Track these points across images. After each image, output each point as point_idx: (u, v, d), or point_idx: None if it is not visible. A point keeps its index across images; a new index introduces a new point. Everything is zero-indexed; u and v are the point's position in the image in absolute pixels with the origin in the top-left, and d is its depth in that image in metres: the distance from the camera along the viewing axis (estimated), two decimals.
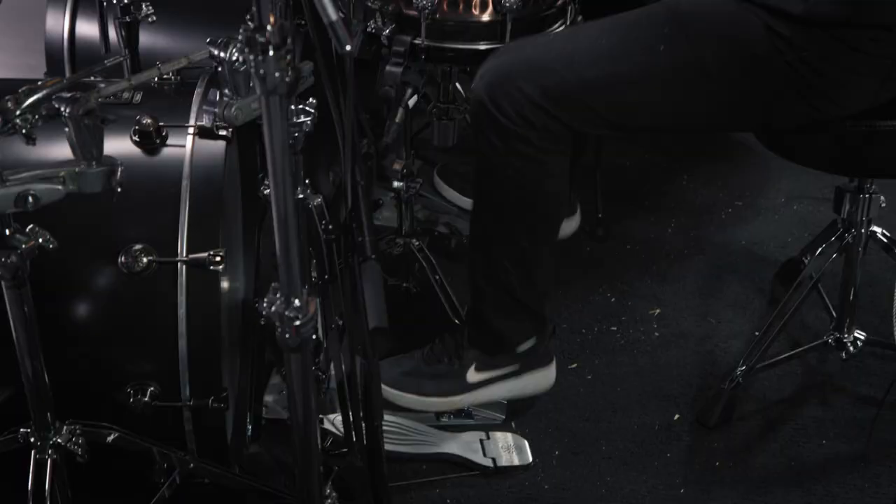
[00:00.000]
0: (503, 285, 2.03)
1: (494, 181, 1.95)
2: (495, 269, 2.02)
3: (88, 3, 2.47)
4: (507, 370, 2.13)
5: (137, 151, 1.77)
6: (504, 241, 2.00)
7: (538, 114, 1.86)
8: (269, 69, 1.26)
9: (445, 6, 1.96)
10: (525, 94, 1.86)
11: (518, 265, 2.01)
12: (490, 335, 2.11)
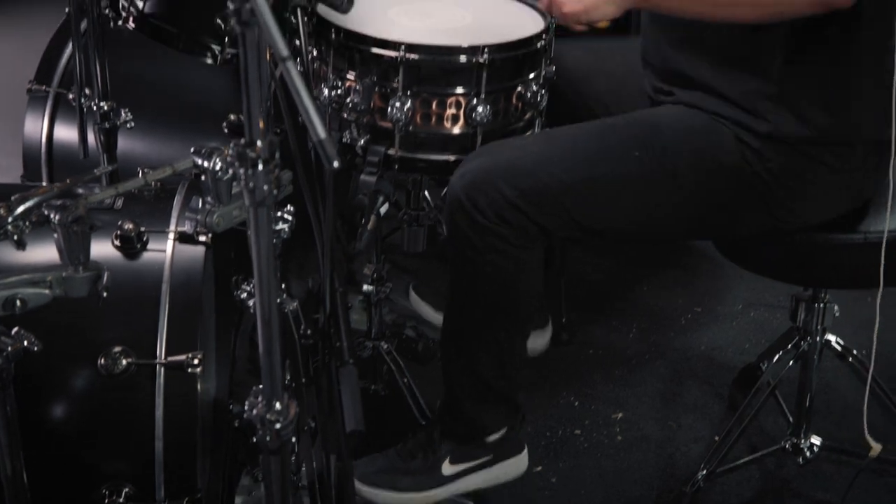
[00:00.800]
0: (478, 375, 2.08)
1: (470, 277, 2.01)
2: (470, 360, 2.07)
3: (67, 107, 2.55)
4: (480, 460, 2.17)
5: (118, 255, 1.82)
6: (479, 333, 2.05)
7: (514, 214, 1.93)
8: (258, 182, 1.32)
9: (418, 119, 2.04)
10: (503, 195, 1.93)
11: (493, 357, 2.06)
12: (464, 425, 2.15)
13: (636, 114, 2.05)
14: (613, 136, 1.99)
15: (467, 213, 1.95)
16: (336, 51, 2.06)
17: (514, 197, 1.92)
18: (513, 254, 1.97)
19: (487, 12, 2.22)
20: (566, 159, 1.97)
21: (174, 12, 2.14)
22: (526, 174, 1.94)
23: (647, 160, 1.95)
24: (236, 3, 1.25)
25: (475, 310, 2.06)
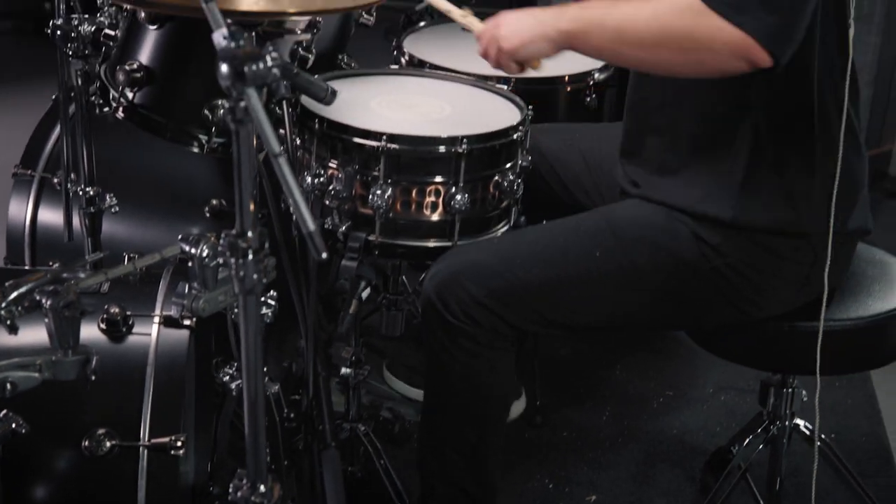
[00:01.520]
0: (453, 480, 2.10)
1: (443, 377, 2.06)
2: (445, 463, 2.10)
3: (52, 191, 2.59)
4: None
5: (104, 339, 1.85)
6: (454, 435, 2.08)
7: (484, 313, 1.99)
8: (248, 271, 1.37)
9: (399, 206, 2.10)
10: (471, 295, 1.99)
11: (468, 459, 2.09)
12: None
13: (598, 212, 2.11)
14: (576, 236, 2.06)
15: (439, 313, 2.00)
16: (319, 140, 2.12)
17: (482, 297, 1.98)
18: (484, 354, 2.02)
19: (466, 104, 2.29)
20: (532, 259, 2.03)
21: (163, 103, 2.20)
22: (493, 274, 2.00)
23: (609, 259, 2.01)
24: (231, 101, 1.31)
25: (448, 411, 2.10)
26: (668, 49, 1.78)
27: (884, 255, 2.24)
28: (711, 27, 1.69)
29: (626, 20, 1.81)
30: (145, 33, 2.15)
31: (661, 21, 1.76)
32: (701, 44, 1.73)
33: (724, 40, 1.69)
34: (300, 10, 1.78)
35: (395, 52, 2.68)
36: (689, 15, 1.71)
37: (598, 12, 1.87)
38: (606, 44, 1.88)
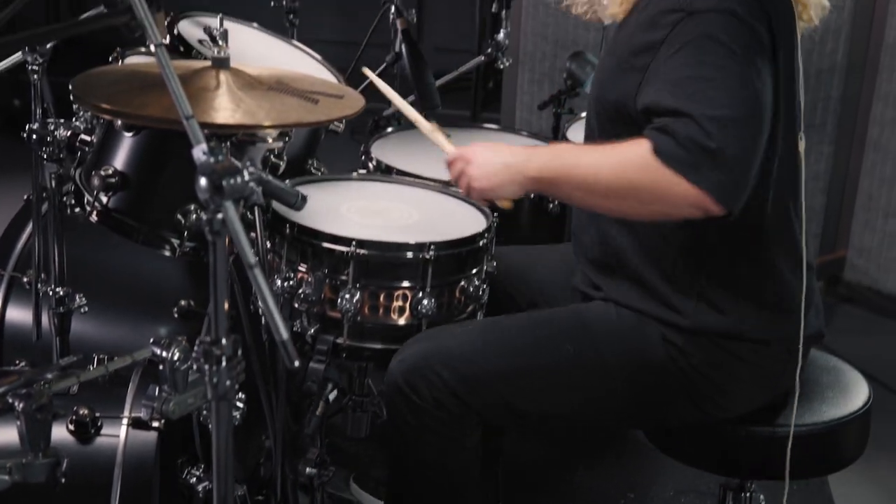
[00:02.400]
0: None
1: (409, 459, 2.08)
2: None
3: (21, 290, 2.61)
4: None
5: (72, 440, 1.87)
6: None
7: (451, 399, 2.02)
8: (221, 378, 1.41)
9: (366, 310, 2.14)
10: (441, 380, 2.02)
11: None
12: None
13: (568, 308, 2.17)
14: (547, 328, 2.10)
15: (406, 396, 2.03)
16: (290, 244, 2.17)
17: (451, 382, 2.02)
18: (450, 436, 2.05)
19: (433, 211, 2.35)
20: (502, 349, 2.07)
21: (137, 207, 2.23)
22: (464, 361, 2.04)
23: (578, 354, 2.06)
24: (209, 213, 1.36)
25: (414, 494, 2.12)
26: (631, 201, 1.88)
27: (837, 361, 2.30)
28: (671, 183, 1.79)
29: (590, 173, 1.90)
30: (121, 140, 2.20)
31: (625, 176, 1.85)
32: (661, 197, 1.83)
33: (682, 195, 1.79)
34: (275, 123, 1.84)
35: (363, 156, 2.74)
36: (650, 171, 1.80)
37: (566, 162, 1.95)
38: (573, 193, 1.97)
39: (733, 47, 1.80)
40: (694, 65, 1.81)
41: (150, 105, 1.74)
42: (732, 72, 1.80)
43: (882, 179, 3.69)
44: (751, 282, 2.01)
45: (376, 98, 2.96)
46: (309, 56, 2.81)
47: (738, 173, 1.78)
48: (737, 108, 1.78)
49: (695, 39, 1.82)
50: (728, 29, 1.81)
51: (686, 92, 1.79)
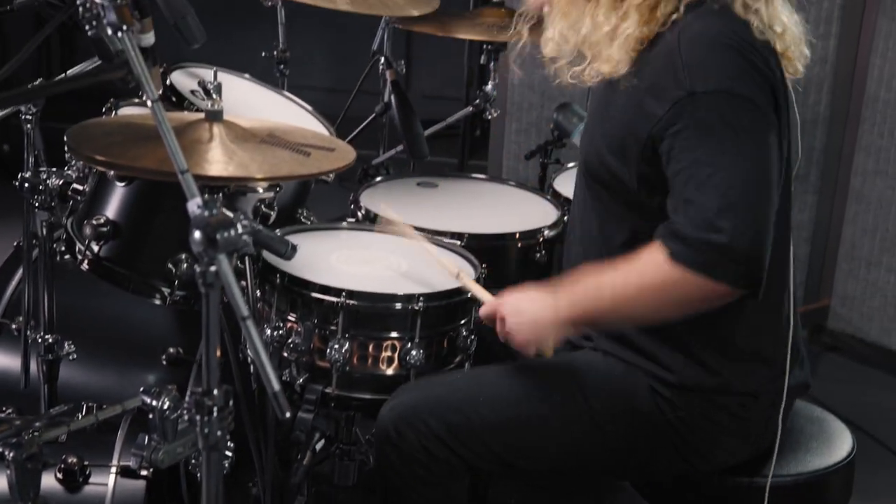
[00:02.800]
0: None
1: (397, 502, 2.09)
2: None
3: (9, 336, 2.61)
4: None
5: (60, 489, 1.88)
6: None
7: (440, 448, 2.03)
8: (212, 428, 1.42)
9: (355, 360, 2.15)
10: (430, 428, 2.03)
11: None
12: None
13: (558, 358, 2.18)
14: (536, 378, 2.12)
15: (395, 445, 2.04)
16: (280, 293, 2.19)
17: (440, 431, 2.03)
18: (437, 483, 2.06)
19: (423, 262, 2.37)
20: (491, 398, 2.09)
21: (128, 256, 2.25)
22: (453, 410, 2.05)
23: (567, 403, 2.07)
24: (202, 266, 1.38)
25: None
26: (665, 310, 1.91)
27: (821, 411, 2.32)
28: (695, 286, 1.82)
29: (619, 301, 1.92)
30: (113, 190, 2.22)
31: (651, 293, 1.87)
32: (691, 299, 1.86)
33: (709, 292, 1.83)
34: (267, 176, 1.87)
35: (352, 205, 2.76)
36: (672, 281, 1.83)
37: (590, 296, 1.95)
38: (610, 319, 1.99)
39: (737, 129, 1.82)
40: (701, 151, 1.82)
41: (144, 157, 1.76)
42: (738, 155, 1.81)
43: (864, 229, 3.73)
44: (739, 338, 2.03)
45: (366, 144, 3.00)
46: (300, 107, 2.84)
47: (753, 259, 1.81)
48: (745, 195, 1.80)
49: (698, 123, 1.83)
50: (730, 110, 1.83)
51: (696, 181, 1.81)
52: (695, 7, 1.90)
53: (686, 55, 1.86)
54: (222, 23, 3.80)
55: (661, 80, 1.88)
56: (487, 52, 3.17)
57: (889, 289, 3.69)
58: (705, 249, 1.79)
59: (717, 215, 1.78)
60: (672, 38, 1.89)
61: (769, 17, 1.93)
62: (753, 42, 1.89)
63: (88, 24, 1.47)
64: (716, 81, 1.84)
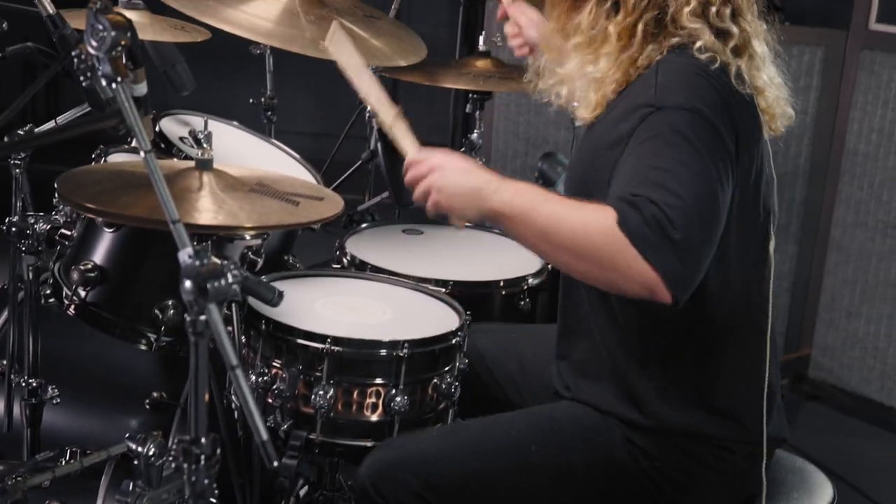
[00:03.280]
0: None
1: None
2: None
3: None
4: None
5: None
6: None
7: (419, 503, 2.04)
8: (199, 476, 1.43)
9: (340, 406, 2.16)
10: (408, 484, 2.03)
11: None
12: None
13: (536, 410, 2.19)
14: (514, 431, 2.12)
15: (374, 502, 2.04)
16: (265, 340, 2.20)
17: (418, 488, 2.03)
18: None
19: (407, 308, 2.39)
20: (470, 453, 2.09)
21: (115, 302, 2.26)
22: (431, 467, 2.05)
23: (545, 454, 2.08)
24: (192, 315, 1.39)
25: None
26: (586, 261, 1.86)
27: (802, 461, 2.33)
28: (629, 257, 1.79)
29: (552, 222, 1.87)
30: (101, 235, 2.24)
31: (586, 235, 1.83)
32: (616, 268, 1.82)
33: (638, 271, 1.79)
34: (256, 225, 1.89)
35: (338, 251, 2.78)
36: (612, 239, 1.80)
37: (531, 203, 1.91)
38: (530, 237, 1.93)
39: (697, 145, 1.84)
40: (659, 156, 1.84)
41: (134, 205, 1.78)
42: (694, 169, 1.83)
43: (845, 280, 3.77)
44: (716, 384, 2.05)
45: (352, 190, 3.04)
46: (288, 155, 2.87)
47: (692, 265, 1.80)
48: (697, 204, 1.80)
49: (661, 133, 1.86)
50: (694, 126, 1.85)
51: (650, 181, 1.81)
52: (682, 47, 1.95)
53: (660, 79, 1.91)
54: (210, 70, 3.83)
55: (634, 101, 1.92)
56: (473, 101, 3.22)
57: (869, 339, 3.73)
58: (656, 230, 1.76)
59: (674, 211, 1.77)
60: (650, 72, 1.94)
61: (751, 74, 1.98)
62: (731, 87, 1.93)
63: (83, 74, 1.49)
64: (685, 100, 1.87)
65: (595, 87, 2.01)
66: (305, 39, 2.51)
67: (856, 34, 3.65)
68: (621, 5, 1.96)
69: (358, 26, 2.69)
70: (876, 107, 3.62)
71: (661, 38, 1.95)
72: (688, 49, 1.94)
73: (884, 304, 3.67)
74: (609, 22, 1.97)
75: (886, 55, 3.57)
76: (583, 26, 2.00)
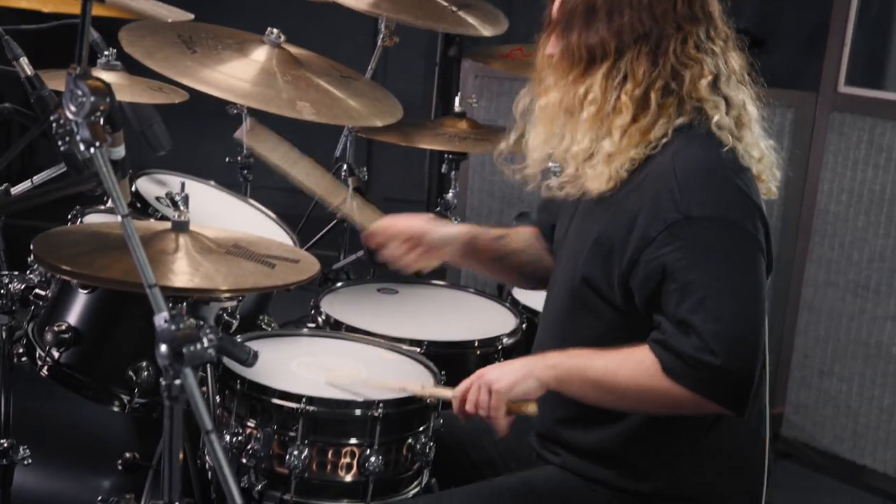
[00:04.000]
0: None
1: None
2: None
3: None
4: None
5: None
6: None
7: None
8: None
9: (314, 466, 2.15)
10: None
11: None
12: None
13: (516, 476, 2.18)
14: (497, 499, 2.11)
15: None
16: (240, 400, 2.19)
17: None
18: None
19: (383, 368, 2.39)
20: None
21: (88, 363, 2.25)
22: None
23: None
24: (167, 379, 1.39)
25: None
26: (646, 405, 1.94)
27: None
28: (683, 396, 1.85)
29: (607, 375, 1.92)
30: (76, 296, 2.24)
31: (638, 384, 1.89)
32: (676, 406, 1.89)
33: (696, 405, 1.86)
34: (232, 288, 1.89)
35: (313, 310, 2.78)
36: (663, 384, 1.86)
37: (579, 362, 1.96)
38: (589, 391, 1.97)
39: (733, 256, 1.86)
40: (696, 273, 1.84)
41: (110, 268, 1.78)
42: (734, 284, 1.85)
43: (816, 339, 3.80)
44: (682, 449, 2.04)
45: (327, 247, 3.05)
46: (264, 215, 2.88)
47: (743, 384, 1.83)
48: (740, 324, 1.83)
49: (695, 247, 1.86)
50: (724, 236, 1.87)
51: (690, 303, 1.83)
52: (684, 130, 1.95)
53: (682, 179, 1.89)
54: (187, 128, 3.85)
55: (656, 201, 1.90)
56: (448, 161, 3.25)
57: (841, 398, 3.75)
58: (699, 367, 1.81)
59: (714, 340, 1.80)
60: (665, 161, 1.93)
61: (749, 144, 1.99)
62: (741, 168, 1.94)
63: (61, 139, 1.50)
64: (711, 208, 1.88)
65: (607, 161, 1.98)
66: (282, 100, 2.52)
67: (825, 96, 3.72)
68: (631, 75, 1.95)
69: (334, 87, 2.71)
70: (846, 168, 3.67)
71: (675, 108, 1.95)
72: (700, 125, 1.94)
73: (855, 362, 3.70)
74: (620, 91, 1.96)
75: (855, 117, 3.64)
76: (595, 96, 1.97)
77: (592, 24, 1.97)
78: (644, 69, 1.94)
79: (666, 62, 1.94)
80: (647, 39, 1.95)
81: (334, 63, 2.89)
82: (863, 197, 3.64)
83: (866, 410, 3.70)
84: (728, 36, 2.02)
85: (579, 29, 1.98)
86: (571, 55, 2.00)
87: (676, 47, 1.95)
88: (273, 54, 2.64)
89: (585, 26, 1.98)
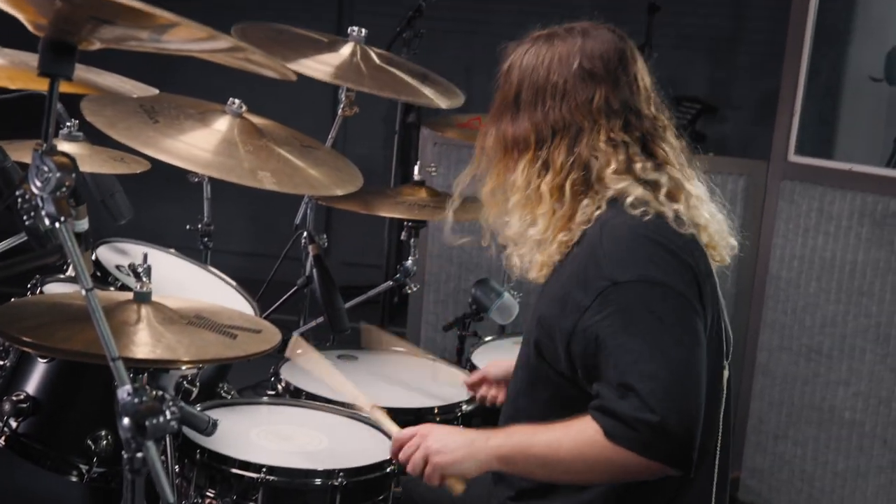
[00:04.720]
0: None
1: None
2: None
3: None
4: None
5: None
6: None
7: None
8: None
9: None
10: None
11: None
12: None
13: None
14: None
15: None
16: (199, 469, 2.19)
17: None
18: None
19: (343, 436, 2.40)
20: None
21: (47, 433, 2.24)
22: None
23: None
24: (129, 452, 1.40)
25: None
26: (592, 475, 1.95)
27: None
28: (628, 460, 1.86)
29: (550, 452, 1.93)
30: (35, 366, 2.24)
31: (582, 456, 1.90)
32: (621, 473, 1.90)
33: (641, 469, 1.87)
34: (193, 359, 1.90)
35: (273, 378, 2.79)
36: (605, 451, 1.87)
37: (523, 440, 1.97)
38: (535, 469, 1.99)
39: (662, 315, 1.89)
40: (626, 336, 1.87)
41: (72, 339, 1.78)
42: (663, 342, 1.87)
43: (771, 403, 3.85)
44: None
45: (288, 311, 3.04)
46: (226, 283, 2.89)
47: (684, 438, 1.85)
48: (672, 379, 1.85)
49: (623, 311, 1.89)
50: (653, 297, 1.90)
51: (625, 365, 1.86)
52: (616, 201, 2.00)
53: (607, 246, 1.94)
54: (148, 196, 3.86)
55: (586, 272, 1.95)
56: (408, 229, 3.28)
57: (796, 462, 3.79)
58: (640, 428, 1.83)
59: (651, 397, 1.82)
60: (595, 232, 1.98)
61: (690, 214, 2.03)
62: (672, 233, 1.98)
63: (26, 213, 1.52)
64: (635, 270, 1.91)
65: (539, 249, 2.05)
66: (243, 169, 2.55)
67: (776, 164, 3.80)
68: (550, 165, 2.02)
69: (295, 156, 2.74)
70: (797, 234, 3.74)
71: (591, 195, 2.01)
72: (621, 204, 1.99)
73: (809, 427, 3.75)
74: (540, 181, 2.03)
75: (805, 185, 3.71)
76: (519, 184, 2.05)
77: (518, 114, 2.05)
78: (562, 160, 2.01)
79: (580, 153, 2.01)
80: (567, 131, 2.02)
81: (295, 132, 2.92)
82: (814, 263, 3.71)
83: (821, 475, 3.73)
84: (656, 123, 2.07)
85: (508, 118, 2.07)
86: (501, 143, 2.08)
87: (590, 139, 2.01)
88: (235, 124, 2.68)
89: (513, 116, 2.06)
